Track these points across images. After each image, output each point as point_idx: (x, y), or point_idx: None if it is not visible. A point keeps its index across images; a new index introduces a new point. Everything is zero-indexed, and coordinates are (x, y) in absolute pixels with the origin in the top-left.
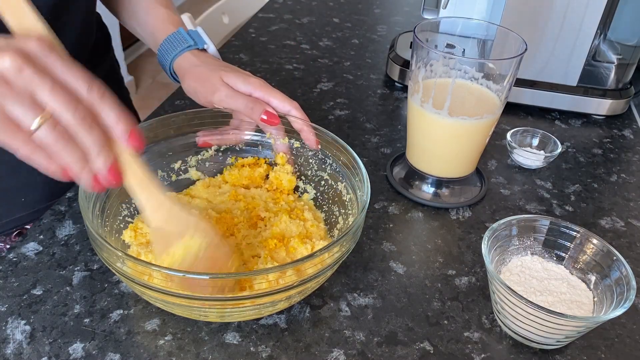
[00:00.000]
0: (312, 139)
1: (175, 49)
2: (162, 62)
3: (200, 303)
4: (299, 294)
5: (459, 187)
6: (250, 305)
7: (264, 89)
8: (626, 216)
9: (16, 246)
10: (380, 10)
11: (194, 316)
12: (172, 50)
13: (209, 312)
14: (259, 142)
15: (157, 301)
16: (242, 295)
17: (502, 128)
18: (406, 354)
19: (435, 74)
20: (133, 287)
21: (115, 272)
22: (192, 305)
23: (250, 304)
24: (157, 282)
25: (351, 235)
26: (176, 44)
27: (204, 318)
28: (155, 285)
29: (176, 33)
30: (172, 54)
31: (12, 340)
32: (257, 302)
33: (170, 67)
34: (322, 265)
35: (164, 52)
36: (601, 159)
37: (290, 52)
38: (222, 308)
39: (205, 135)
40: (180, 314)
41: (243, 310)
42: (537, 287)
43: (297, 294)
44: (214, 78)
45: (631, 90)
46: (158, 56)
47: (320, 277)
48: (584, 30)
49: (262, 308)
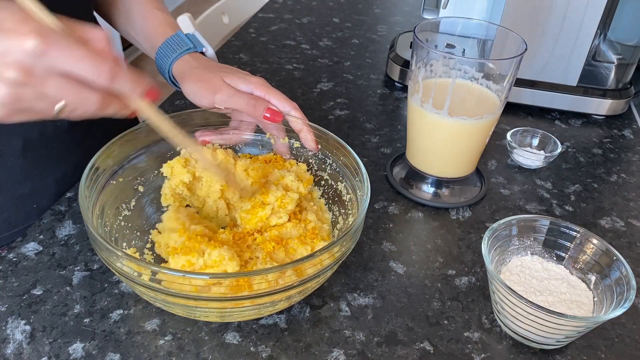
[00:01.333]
0: (311, 141)
1: (174, 52)
2: (160, 65)
3: (200, 303)
4: (299, 294)
5: (459, 187)
6: (250, 305)
7: (264, 89)
8: (626, 216)
9: (16, 246)
10: (380, 10)
11: (194, 316)
12: (171, 54)
13: (209, 312)
14: (259, 142)
15: (157, 301)
16: (242, 295)
17: (502, 128)
18: (406, 354)
19: (435, 74)
20: (133, 287)
21: (115, 272)
22: (191, 305)
23: (250, 304)
24: (166, 284)
25: (350, 236)
26: (175, 47)
27: (205, 318)
28: (152, 285)
29: (175, 36)
30: (172, 57)
31: (12, 340)
32: (257, 302)
33: (169, 70)
34: (321, 265)
35: (163, 55)
36: (601, 159)
37: (290, 52)
38: (222, 308)
39: (205, 134)
40: (180, 314)
41: (243, 310)
42: (537, 287)
43: (297, 294)
44: (215, 79)
45: (631, 90)
46: (156, 59)
47: (320, 277)
48: (584, 30)
49: (262, 308)
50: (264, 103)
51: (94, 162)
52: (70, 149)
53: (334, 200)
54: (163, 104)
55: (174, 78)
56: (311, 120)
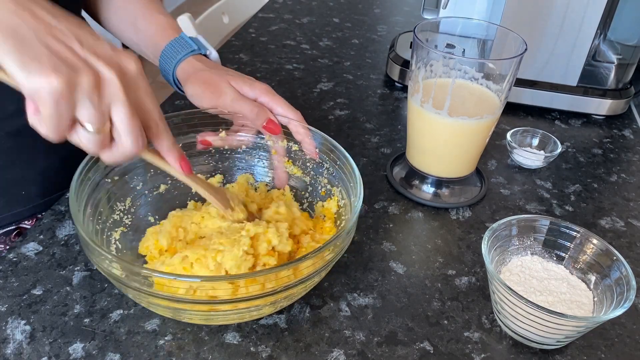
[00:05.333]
0: (313, 151)
1: (179, 53)
2: (164, 67)
3: (184, 305)
4: (285, 299)
5: (459, 187)
6: (233, 310)
7: (269, 96)
8: (626, 216)
9: (16, 246)
10: (380, 10)
11: (180, 318)
12: (175, 55)
13: (193, 315)
14: (258, 144)
15: (142, 301)
16: (223, 299)
17: (502, 128)
18: (406, 354)
19: (435, 74)
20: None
21: (106, 275)
22: (174, 307)
23: (231, 308)
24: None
25: (341, 239)
26: (180, 49)
27: (189, 320)
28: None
29: (179, 38)
30: (176, 58)
31: (12, 340)
32: (240, 307)
33: (174, 72)
34: (307, 271)
35: (167, 57)
36: (601, 159)
37: (290, 52)
38: (206, 311)
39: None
40: (164, 315)
41: (226, 314)
42: (537, 287)
43: (283, 299)
44: (221, 82)
45: (631, 90)
46: (160, 62)
47: (306, 284)
48: (584, 30)
49: (246, 312)
50: (266, 113)
51: (87, 160)
52: None
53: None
54: (163, 104)
55: (177, 81)
56: (311, 120)
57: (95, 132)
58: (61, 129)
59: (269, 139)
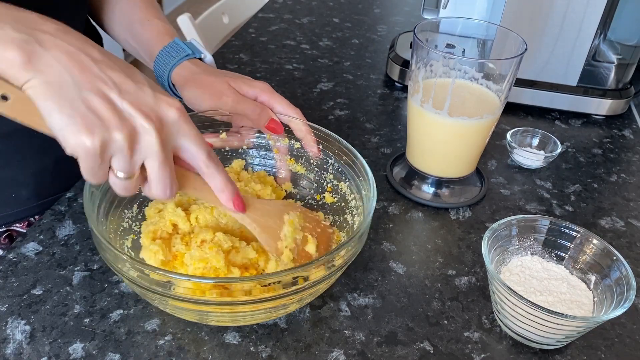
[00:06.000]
0: (314, 148)
1: (173, 58)
2: (159, 72)
3: (210, 308)
4: (297, 302)
5: (459, 187)
6: (263, 309)
7: (268, 94)
8: (626, 216)
9: (16, 246)
10: (380, 10)
11: (207, 321)
12: (170, 60)
13: (220, 316)
14: (260, 143)
15: (167, 306)
16: (251, 300)
17: (502, 128)
18: (406, 354)
19: (435, 74)
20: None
21: (123, 278)
22: (199, 309)
23: (258, 308)
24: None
25: (356, 240)
26: (173, 54)
27: (217, 323)
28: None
29: (173, 43)
30: (171, 63)
31: (12, 340)
32: (269, 306)
33: (169, 76)
34: (331, 268)
35: (161, 62)
36: (601, 159)
37: (290, 52)
38: (231, 313)
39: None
40: (189, 319)
41: (255, 314)
42: (537, 287)
43: (308, 296)
44: (220, 83)
45: (631, 90)
46: (155, 67)
47: (322, 284)
48: (584, 30)
49: (274, 311)
50: (268, 113)
51: None
52: (52, 142)
53: (338, 200)
54: None
55: (172, 86)
56: (311, 120)
57: (125, 179)
58: (98, 177)
59: (269, 138)
